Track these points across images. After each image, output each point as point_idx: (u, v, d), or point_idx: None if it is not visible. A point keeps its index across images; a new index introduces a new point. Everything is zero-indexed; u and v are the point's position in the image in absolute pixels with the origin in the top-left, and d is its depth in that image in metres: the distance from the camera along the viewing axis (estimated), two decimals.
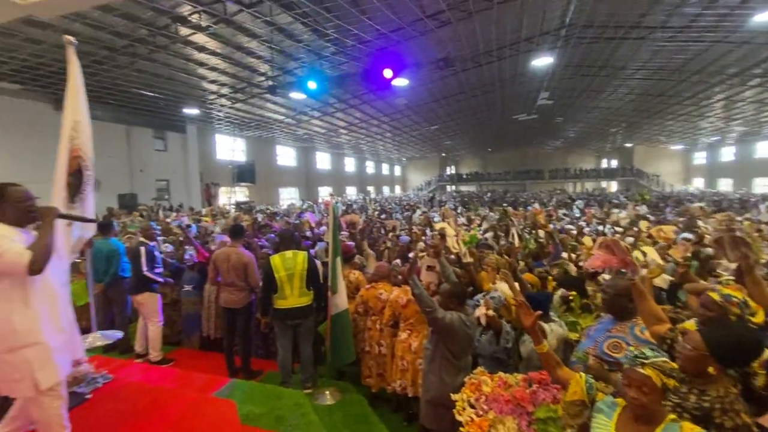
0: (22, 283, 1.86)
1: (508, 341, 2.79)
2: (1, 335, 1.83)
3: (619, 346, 2.01)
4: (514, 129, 25.92)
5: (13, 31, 7.28)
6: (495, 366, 2.71)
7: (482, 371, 2.44)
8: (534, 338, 1.90)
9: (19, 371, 1.84)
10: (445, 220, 6.69)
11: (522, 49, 11.21)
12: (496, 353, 2.80)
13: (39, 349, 1.88)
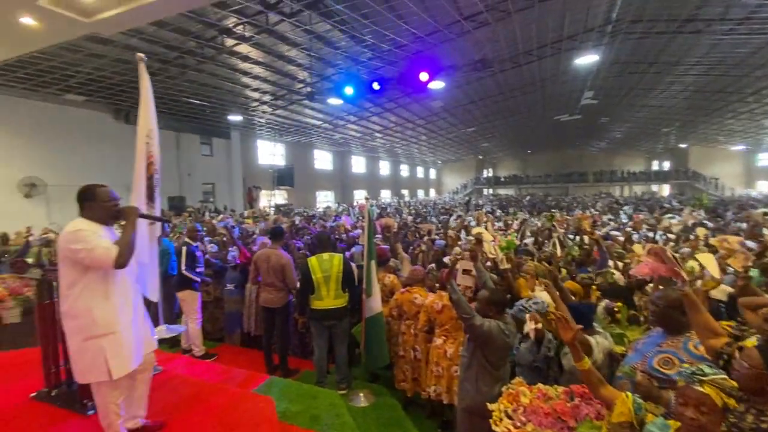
0: (104, 277, 2.03)
1: (549, 349, 2.67)
2: (82, 324, 2.00)
3: (671, 361, 1.87)
4: (556, 130, 24.95)
5: (78, 47, 7.98)
6: (534, 376, 2.61)
7: (520, 382, 2.36)
8: (574, 354, 1.80)
9: (95, 359, 2.00)
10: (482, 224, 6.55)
11: (564, 47, 10.80)
12: (536, 362, 2.70)
13: (114, 339, 2.03)
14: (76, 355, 2.04)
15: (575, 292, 3.44)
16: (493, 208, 18.52)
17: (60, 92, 10.99)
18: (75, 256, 1.95)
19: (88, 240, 1.94)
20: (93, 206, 2.11)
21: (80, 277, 2.00)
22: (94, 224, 2.07)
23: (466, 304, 2.60)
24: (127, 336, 2.10)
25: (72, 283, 1.99)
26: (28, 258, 5.89)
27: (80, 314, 1.99)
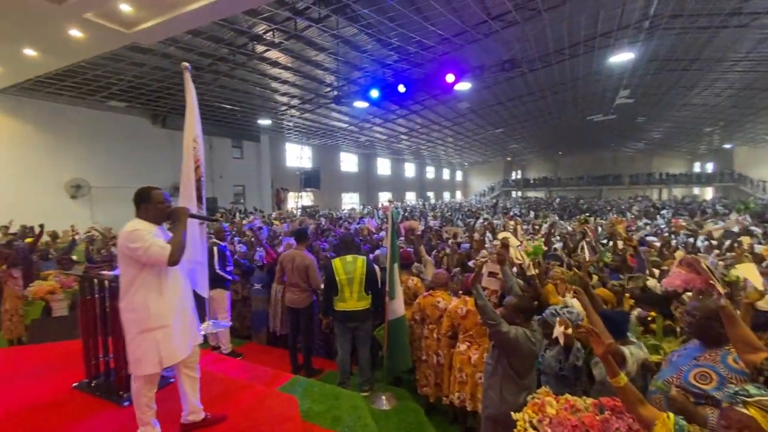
0: (158, 274, 2.17)
1: (578, 359, 2.58)
2: (139, 318, 2.14)
3: (708, 376, 1.76)
4: (589, 131, 24.08)
5: (120, 56, 8.45)
6: (560, 386, 2.52)
7: (547, 391, 2.28)
8: (608, 369, 1.70)
9: (148, 350, 2.14)
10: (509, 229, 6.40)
11: (598, 45, 10.40)
12: (563, 371, 2.60)
13: (166, 332, 2.18)
14: (132, 346, 2.18)
15: (607, 300, 3.31)
16: (522, 210, 18.08)
17: (103, 99, 11.69)
18: (133, 254, 2.09)
19: (144, 239, 2.09)
20: (148, 207, 2.25)
21: (137, 274, 2.14)
22: (148, 224, 2.22)
23: (492, 310, 2.55)
24: (177, 329, 2.24)
25: (130, 280, 2.15)
26: (73, 255, 6.27)
27: (137, 308, 2.14)
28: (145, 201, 2.26)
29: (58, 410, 2.65)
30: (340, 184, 25.59)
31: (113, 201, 12.52)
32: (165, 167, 14.36)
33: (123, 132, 13.06)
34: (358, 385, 3.75)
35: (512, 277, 3.25)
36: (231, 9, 6.07)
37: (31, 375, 3.16)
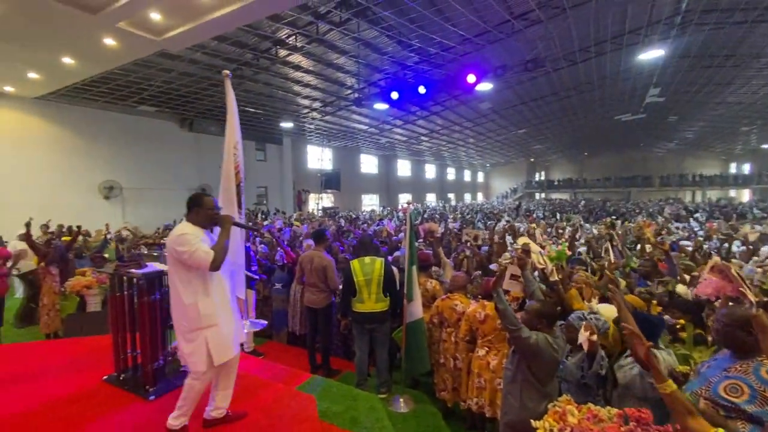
0: (203, 276, 2.27)
1: (602, 367, 2.49)
2: (190, 318, 2.24)
3: (740, 388, 1.66)
4: (617, 130, 23.32)
5: (150, 63, 8.80)
6: (582, 394, 2.44)
7: (568, 400, 2.21)
8: (655, 375, 1.61)
9: (199, 348, 2.24)
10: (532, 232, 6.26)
11: (626, 42, 10.07)
12: (585, 379, 2.52)
13: (215, 331, 2.27)
14: (183, 344, 2.28)
15: (634, 307, 3.18)
16: (545, 213, 17.66)
17: (134, 104, 12.19)
18: (179, 257, 2.19)
19: (191, 243, 2.18)
20: (199, 212, 2.35)
21: (186, 275, 2.24)
22: (197, 228, 2.31)
23: (513, 315, 2.50)
24: (225, 328, 2.34)
25: (180, 280, 2.25)
26: (105, 253, 6.56)
27: (187, 308, 2.23)
28: (197, 205, 2.36)
29: (89, 402, 2.77)
30: (360, 185, 25.74)
31: (143, 201, 13.08)
32: (191, 169, 14.87)
33: (152, 135, 13.59)
34: (376, 387, 3.75)
35: (534, 282, 3.18)
36: (255, 14, 6.22)
37: (66, 367, 3.32)
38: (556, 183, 38.10)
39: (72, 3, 5.49)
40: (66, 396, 2.84)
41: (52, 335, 5.15)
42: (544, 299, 2.87)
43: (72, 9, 5.53)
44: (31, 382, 3.04)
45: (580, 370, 2.52)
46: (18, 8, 5.51)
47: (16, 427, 2.47)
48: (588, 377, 2.48)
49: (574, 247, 5.73)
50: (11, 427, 2.47)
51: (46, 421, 2.54)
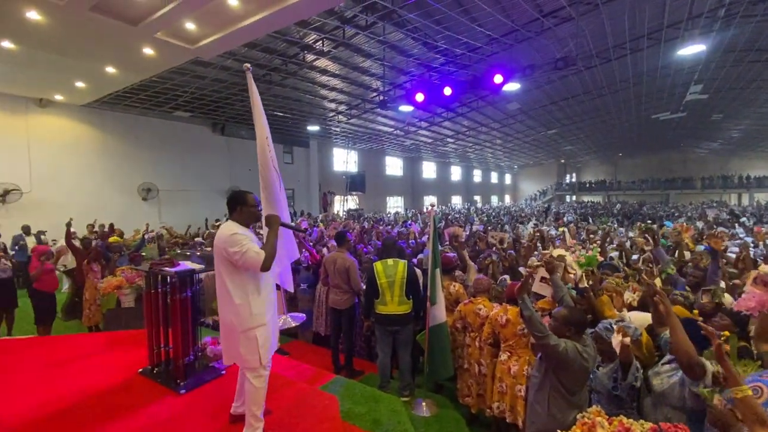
0: (254, 276, 2.28)
1: (636, 379, 2.37)
2: (243, 317, 2.24)
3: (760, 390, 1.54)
4: (654, 130, 22.26)
5: (184, 70, 9.19)
6: (613, 406, 2.34)
7: (598, 411, 2.11)
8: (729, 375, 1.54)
9: (250, 347, 2.25)
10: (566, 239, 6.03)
11: (665, 37, 9.60)
12: (617, 390, 2.40)
13: (264, 330, 2.30)
14: (235, 344, 2.27)
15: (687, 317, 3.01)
16: (576, 216, 17.08)
17: (170, 110, 12.77)
18: (231, 258, 2.19)
19: (242, 243, 2.17)
20: (243, 210, 2.34)
21: (237, 275, 2.25)
22: (243, 228, 2.32)
23: (540, 321, 2.41)
24: (271, 325, 2.38)
25: (230, 280, 2.24)
26: (142, 252, 6.90)
27: (240, 308, 2.23)
28: (241, 204, 2.34)
29: (125, 393, 2.92)
30: (385, 187, 25.82)
31: (178, 202, 13.69)
32: (223, 172, 15.46)
33: (186, 139, 14.21)
34: (398, 390, 3.73)
35: (563, 287, 3.08)
36: (284, 21, 6.37)
37: (106, 359, 3.51)
38: (588, 185, 36.76)
39: (115, 16, 5.83)
40: (105, 386, 2.99)
41: (93, 328, 5.48)
42: (572, 306, 2.77)
43: (115, 21, 5.87)
44: (74, 372, 3.23)
45: (612, 381, 2.41)
46: (69, 23, 5.91)
47: (58, 413, 2.64)
48: (621, 389, 2.37)
49: (605, 251, 5.50)
50: (54, 413, 2.64)
51: (85, 409, 2.69)
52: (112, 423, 2.54)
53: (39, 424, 2.51)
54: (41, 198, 10.46)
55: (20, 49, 6.85)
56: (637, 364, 2.40)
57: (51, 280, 5.48)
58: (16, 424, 2.49)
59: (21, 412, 2.63)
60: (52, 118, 10.91)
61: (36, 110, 10.55)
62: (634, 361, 2.37)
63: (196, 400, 2.85)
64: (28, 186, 10.28)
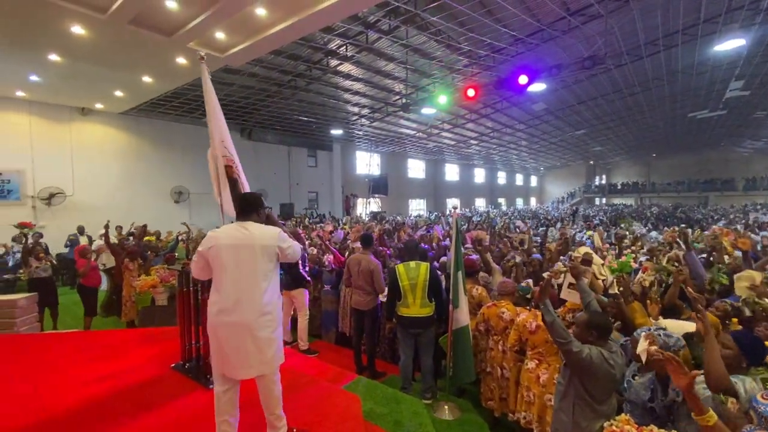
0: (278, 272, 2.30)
1: (678, 394, 2.24)
2: (275, 317, 2.23)
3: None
4: (691, 129, 21.24)
5: (214, 77, 9.48)
6: (647, 418, 2.23)
7: (627, 419, 2.04)
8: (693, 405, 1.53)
9: (279, 348, 2.27)
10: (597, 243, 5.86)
11: (702, 32, 9.17)
12: (653, 402, 2.29)
13: (281, 332, 2.32)
14: (263, 348, 2.18)
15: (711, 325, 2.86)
16: (606, 219, 16.50)
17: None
18: (282, 252, 2.26)
19: (289, 239, 2.30)
20: (260, 212, 2.39)
21: (274, 272, 2.26)
22: None
23: (562, 327, 2.35)
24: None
25: (267, 278, 2.22)
26: (176, 252, 7.19)
27: (273, 307, 2.23)
28: (261, 206, 2.40)
29: (158, 386, 3.06)
30: (407, 190, 25.81)
31: (207, 205, 14.18)
32: (249, 176, 15.73)
33: None
34: (420, 392, 3.73)
35: (590, 293, 2.98)
36: (309, 28, 6.53)
37: (140, 354, 3.70)
38: (620, 187, 35.43)
39: (151, 28, 6.15)
40: (140, 379, 3.16)
41: (130, 323, 5.77)
42: (596, 310, 2.68)
43: (151, 33, 6.20)
44: (111, 365, 3.42)
45: (648, 392, 2.29)
46: (110, 36, 6.28)
47: (97, 403, 2.80)
48: (658, 405, 2.25)
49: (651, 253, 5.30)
50: (92, 403, 2.80)
51: (121, 400, 2.85)
52: (146, 414, 2.67)
53: (80, 413, 2.68)
54: (82, 201, 11.11)
55: (65, 61, 7.34)
56: None
57: (95, 276, 5.85)
58: (59, 412, 2.67)
59: (63, 401, 2.82)
60: (93, 126, 11.58)
61: (79, 118, 11.24)
62: None
63: None
64: (71, 189, 10.94)
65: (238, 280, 2.16)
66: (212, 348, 2.22)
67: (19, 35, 6.25)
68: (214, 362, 2.23)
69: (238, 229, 2.25)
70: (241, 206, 2.37)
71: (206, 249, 2.19)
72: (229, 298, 2.15)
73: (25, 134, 10.30)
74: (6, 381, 3.12)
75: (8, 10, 5.42)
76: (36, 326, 5.30)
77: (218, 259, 2.18)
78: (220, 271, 2.18)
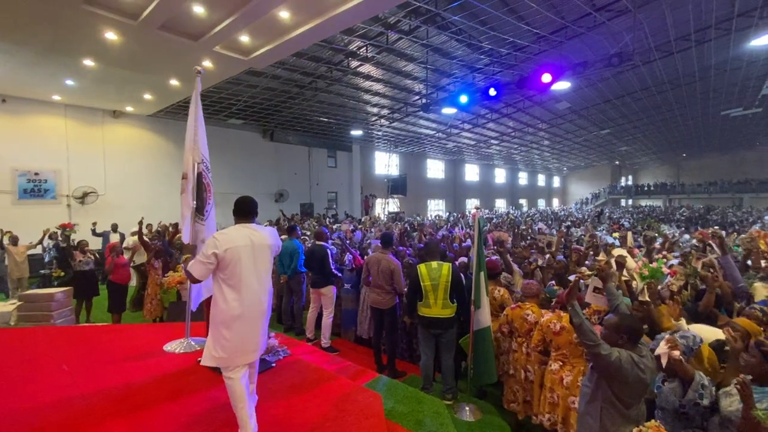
0: None
1: (702, 396, 2.17)
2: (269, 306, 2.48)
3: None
4: (724, 128, 20.36)
5: (238, 80, 9.77)
6: (678, 424, 2.17)
7: (657, 426, 1.98)
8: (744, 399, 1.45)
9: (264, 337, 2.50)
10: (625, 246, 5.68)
11: (736, 26, 8.77)
12: (684, 408, 2.22)
13: None
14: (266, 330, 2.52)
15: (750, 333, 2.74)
16: (633, 221, 15.97)
17: (225, 118, 13.61)
18: (278, 251, 2.58)
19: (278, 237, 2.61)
20: (256, 216, 2.60)
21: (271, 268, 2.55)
22: None
23: (590, 330, 2.30)
24: None
25: (268, 273, 2.49)
26: None
27: (270, 297, 2.49)
28: (256, 211, 2.59)
29: (186, 378, 3.16)
30: (426, 190, 25.71)
31: (230, 204, 14.49)
32: (271, 176, 16.23)
33: (239, 145, 15.09)
34: (441, 393, 3.72)
35: (618, 296, 2.91)
36: (331, 30, 6.60)
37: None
38: (647, 188, 34.24)
39: (179, 33, 6.36)
40: (168, 371, 3.26)
41: (157, 319, 5.96)
42: (625, 313, 2.60)
43: (179, 38, 6.41)
44: (142, 357, 3.55)
45: (676, 397, 2.24)
46: (140, 41, 6.53)
47: (128, 393, 2.91)
48: (688, 407, 2.18)
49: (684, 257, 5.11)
50: (124, 393, 2.91)
51: (151, 390, 2.95)
52: (175, 404, 2.76)
53: (114, 403, 2.79)
54: (113, 200, 11.57)
55: (99, 66, 7.67)
56: (704, 381, 2.20)
57: (123, 273, 6.06)
58: (94, 401, 2.79)
59: (99, 389, 2.94)
60: (123, 128, 12.05)
61: (110, 121, 11.72)
62: (697, 377, 2.19)
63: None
64: (103, 189, 11.41)
65: (258, 277, 2.37)
66: (231, 341, 2.29)
67: (57, 42, 6.58)
68: (232, 354, 2.30)
69: (248, 231, 2.39)
70: (244, 209, 2.50)
71: (222, 251, 2.25)
72: (254, 294, 2.33)
73: (61, 136, 10.81)
74: (46, 370, 3.28)
75: (47, 18, 5.72)
76: (71, 319, 5.56)
77: (238, 260, 2.28)
78: (239, 270, 2.29)
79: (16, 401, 2.77)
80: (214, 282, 2.35)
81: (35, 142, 10.37)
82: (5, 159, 9.92)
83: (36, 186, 10.41)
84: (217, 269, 2.29)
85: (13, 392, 2.90)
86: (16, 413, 2.61)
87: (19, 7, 5.39)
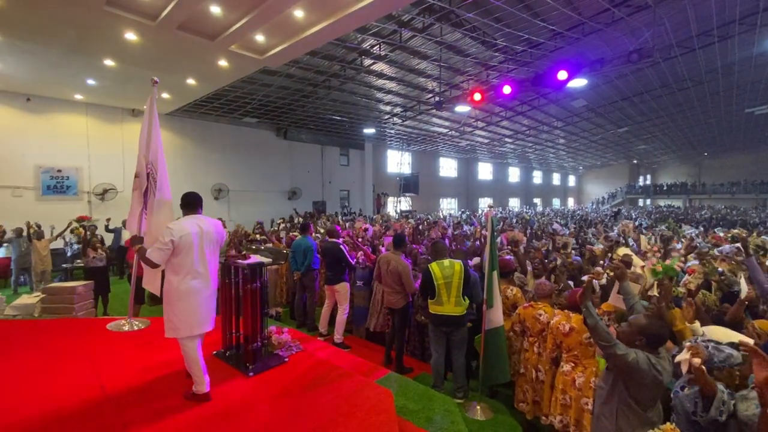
0: None
1: (722, 413, 2.08)
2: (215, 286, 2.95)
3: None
4: (748, 126, 19.71)
5: (253, 79, 9.89)
6: (692, 428, 2.12)
7: (673, 429, 1.94)
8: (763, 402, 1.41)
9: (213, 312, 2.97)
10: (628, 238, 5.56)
11: (762, 21, 8.47)
12: (696, 416, 2.16)
13: None
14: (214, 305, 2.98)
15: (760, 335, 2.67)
16: (651, 222, 15.62)
17: (240, 116, 13.80)
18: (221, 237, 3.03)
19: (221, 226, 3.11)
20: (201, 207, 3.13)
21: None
22: None
23: (605, 330, 2.26)
24: None
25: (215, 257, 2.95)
26: None
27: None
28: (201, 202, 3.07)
29: None
30: (438, 189, 25.60)
31: (244, 202, 14.75)
32: (284, 173, 16.41)
33: (253, 143, 15.30)
34: (452, 391, 3.72)
35: (635, 296, 2.86)
36: (345, 28, 6.62)
37: None
38: (666, 188, 33.39)
39: (196, 32, 6.47)
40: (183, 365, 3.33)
41: None
42: (652, 316, 2.53)
43: (196, 37, 6.52)
44: (157, 350, 3.64)
45: (693, 405, 2.17)
46: (159, 41, 6.67)
47: (144, 386, 3.00)
48: (703, 419, 2.12)
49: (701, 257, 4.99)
50: (140, 385, 3.00)
51: (167, 382, 3.04)
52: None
53: (130, 394, 2.88)
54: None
55: (119, 66, 7.85)
56: (724, 396, 2.10)
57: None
58: (112, 392, 2.88)
59: (119, 381, 3.04)
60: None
61: (129, 119, 12.00)
62: (719, 394, 2.03)
63: (262, 383, 3.09)
64: (122, 186, 11.70)
65: (206, 259, 2.80)
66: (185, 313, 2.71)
67: (79, 43, 6.76)
68: (188, 324, 2.73)
69: (196, 220, 2.86)
70: (190, 202, 3.00)
71: (178, 238, 2.66)
72: (203, 274, 2.78)
73: (83, 134, 11.13)
74: (68, 361, 3.40)
75: (69, 19, 5.88)
76: (92, 311, 5.73)
77: (190, 245, 2.71)
78: (191, 253, 2.72)
79: (40, 388, 2.88)
80: (168, 265, 2.72)
81: (58, 139, 10.69)
82: (29, 156, 10.26)
83: (59, 182, 10.75)
84: (172, 254, 2.68)
85: (37, 381, 3.02)
86: (41, 400, 2.71)
87: (43, 9, 5.56)
